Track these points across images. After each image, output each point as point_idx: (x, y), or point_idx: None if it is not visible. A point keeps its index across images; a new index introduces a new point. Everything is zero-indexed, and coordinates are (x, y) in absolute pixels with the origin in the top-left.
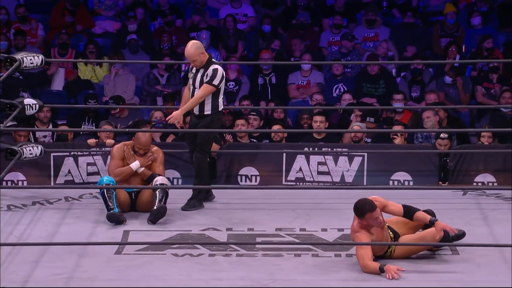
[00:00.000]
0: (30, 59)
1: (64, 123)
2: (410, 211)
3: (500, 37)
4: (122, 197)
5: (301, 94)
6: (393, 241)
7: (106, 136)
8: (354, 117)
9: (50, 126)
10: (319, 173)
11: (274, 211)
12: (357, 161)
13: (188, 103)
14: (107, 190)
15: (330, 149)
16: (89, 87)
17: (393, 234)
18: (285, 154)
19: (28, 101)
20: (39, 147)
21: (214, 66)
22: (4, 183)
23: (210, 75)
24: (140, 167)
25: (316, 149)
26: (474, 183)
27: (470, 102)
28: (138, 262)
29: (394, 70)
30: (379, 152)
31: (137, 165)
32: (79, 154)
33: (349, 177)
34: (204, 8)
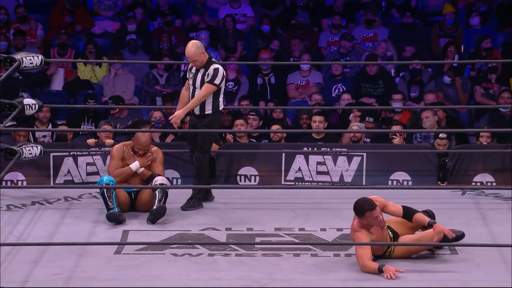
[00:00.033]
0: (30, 59)
1: (63, 123)
2: (409, 212)
3: (498, 37)
4: (122, 197)
5: (300, 94)
6: (392, 241)
7: (105, 136)
8: (353, 117)
9: (50, 126)
10: (318, 173)
11: (273, 211)
12: (356, 161)
13: (189, 103)
14: (107, 190)
15: (329, 149)
16: (88, 87)
17: (392, 234)
18: (284, 154)
19: (27, 101)
20: (39, 147)
21: (215, 66)
22: (3, 183)
23: (211, 75)
24: (139, 168)
25: (315, 149)
26: (473, 183)
27: (469, 102)
28: (137, 262)
29: (393, 70)
30: (378, 152)
31: (136, 165)
32: (79, 154)
33: (348, 177)
34: (203, 8)
